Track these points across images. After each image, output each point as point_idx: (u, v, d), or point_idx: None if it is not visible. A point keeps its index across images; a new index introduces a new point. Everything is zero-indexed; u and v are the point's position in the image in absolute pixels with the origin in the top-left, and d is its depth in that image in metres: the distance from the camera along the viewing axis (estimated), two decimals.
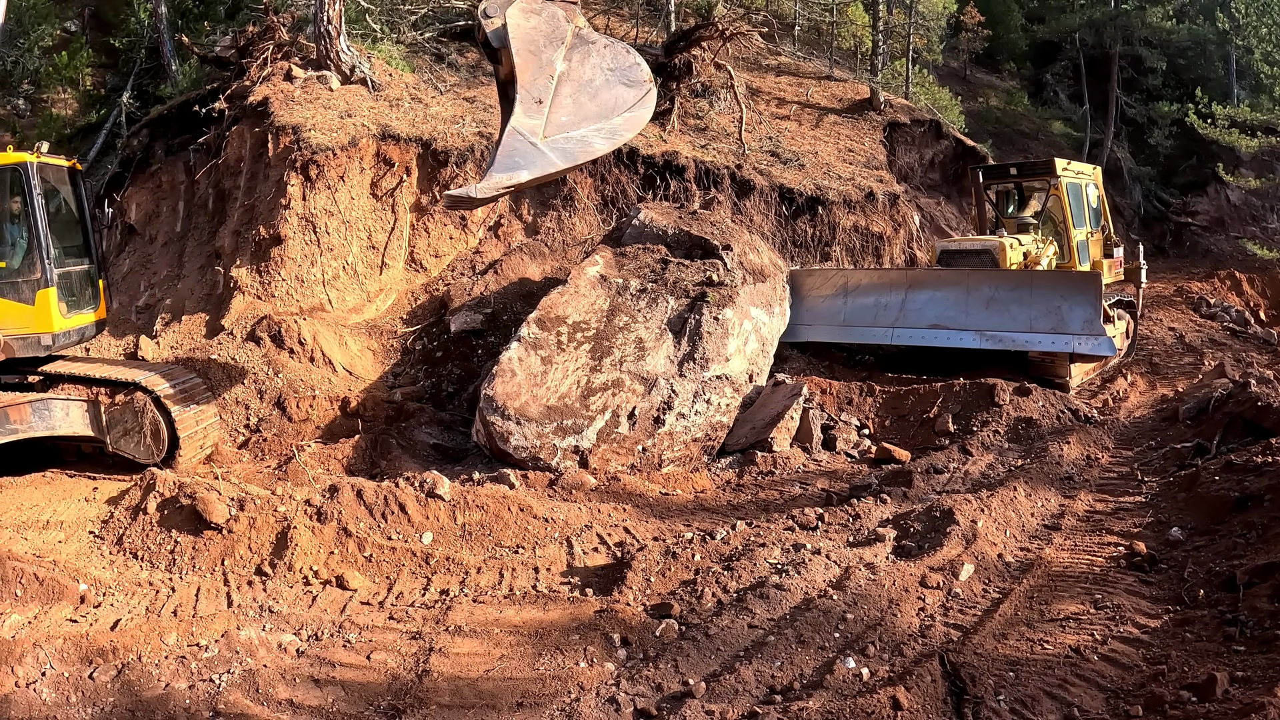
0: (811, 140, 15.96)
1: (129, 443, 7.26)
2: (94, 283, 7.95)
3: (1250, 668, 3.95)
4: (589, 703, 3.90)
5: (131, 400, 7.21)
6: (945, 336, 9.97)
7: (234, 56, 12.63)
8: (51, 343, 7.22)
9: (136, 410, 7.19)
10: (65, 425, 7.18)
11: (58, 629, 4.82)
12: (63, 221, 7.68)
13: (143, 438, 7.22)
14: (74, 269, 7.62)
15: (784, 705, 3.79)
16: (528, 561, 5.62)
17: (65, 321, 7.31)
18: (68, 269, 7.47)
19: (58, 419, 7.13)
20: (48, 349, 7.26)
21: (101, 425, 7.25)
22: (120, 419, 7.22)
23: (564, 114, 6.54)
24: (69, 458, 7.75)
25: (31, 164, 7.03)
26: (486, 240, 12.04)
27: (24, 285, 7.07)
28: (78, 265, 7.72)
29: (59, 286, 7.19)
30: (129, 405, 7.21)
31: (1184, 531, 5.84)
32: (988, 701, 3.88)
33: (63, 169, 7.64)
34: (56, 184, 7.57)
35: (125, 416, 7.21)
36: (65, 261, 7.45)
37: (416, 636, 4.59)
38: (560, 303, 8.80)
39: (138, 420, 7.20)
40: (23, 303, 7.09)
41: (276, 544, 5.70)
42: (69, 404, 7.20)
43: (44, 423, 7.05)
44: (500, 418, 7.72)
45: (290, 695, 4.12)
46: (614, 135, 6.74)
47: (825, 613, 4.58)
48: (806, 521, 6.04)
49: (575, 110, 6.57)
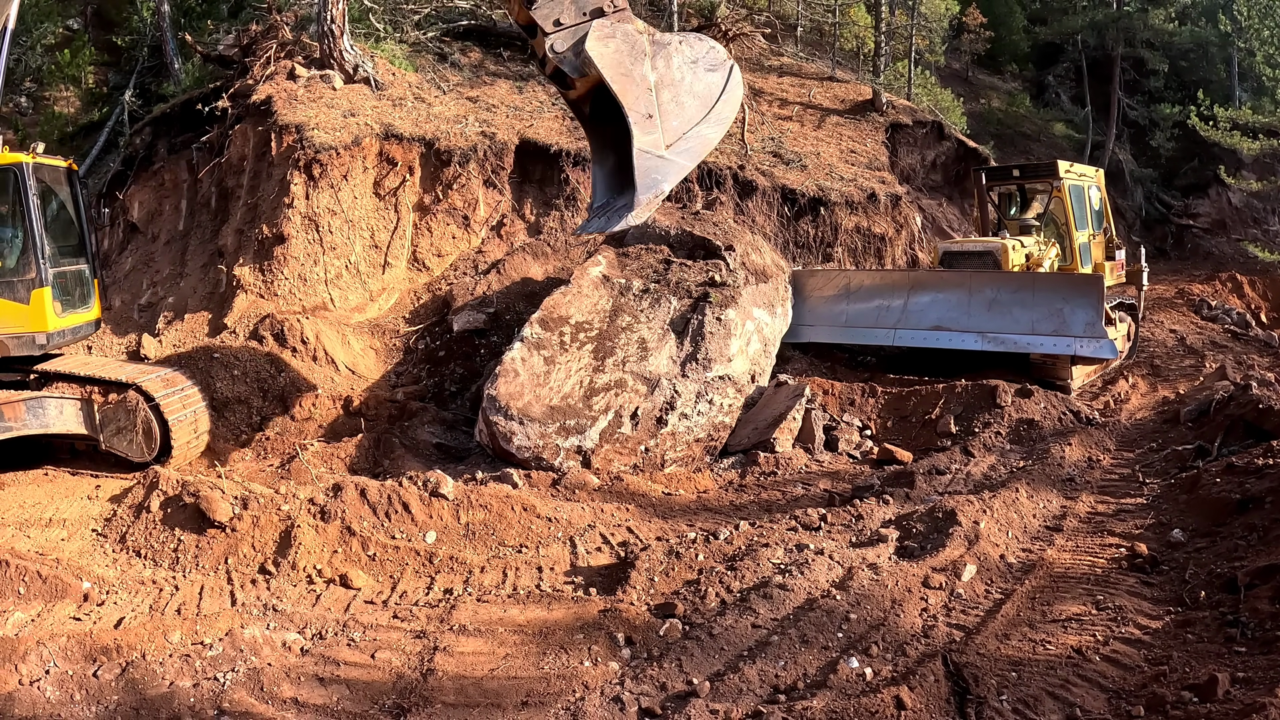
0: (814, 141, 15.97)
1: (121, 441, 7.31)
2: (89, 282, 8.00)
3: (1251, 669, 3.95)
4: (594, 702, 3.91)
5: (124, 399, 7.25)
6: (948, 338, 9.98)
7: (237, 55, 12.66)
8: (46, 342, 7.28)
9: (129, 409, 7.24)
10: (59, 423, 7.23)
11: (61, 627, 4.81)
12: (58, 221, 7.74)
13: (135, 436, 7.27)
14: (69, 269, 7.67)
15: (788, 705, 3.80)
16: (531, 561, 5.63)
17: (60, 321, 7.37)
18: (63, 269, 7.52)
19: (52, 417, 7.18)
20: (42, 348, 7.31)
21: (95, 423, 7.31)
22: (113, 417, 7.28)
23: (674, 119, 6.92)
24: (62, 455, 7.78)
25: (27, 164, 7.06)
26: (489, 240, 12.06)
27: (19, 284, 7.11)
28: (73, 265, 7.77)
29: (54, 286, 7.24)
30: (121, 404, 7.26)
31: (1185, 533, 5.85)
32: (990, 701, 3.89)
33: (59, 169, 7.68)
34: (52, 184, 7.61)
35: (118, 415, 7.27)
36: (61, 261, 7.51)
37: (421, 635, 4.59)
38: (563, 303, 8.82)
39: (130, 419, 7.25)
40: (17, 302, 7.13)
41: (280, 543, 5.70)
42: (63, 402, 7.25)
43: (38, 420, 7.11)
44: (503, 417, 7.73)
45: (295, 694, 4.12)
46: (722, 120, 7.12)
47: (829, 613, 4.59)
48: (809, 522, 6.05)
49: (681, 112, 6.95)
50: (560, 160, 12.38)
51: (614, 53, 6.84)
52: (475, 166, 11.90)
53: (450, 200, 11.88)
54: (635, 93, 6.89)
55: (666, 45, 6.99)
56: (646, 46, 6.94)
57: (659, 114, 6.91)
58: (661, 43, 6.99)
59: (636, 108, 6.85)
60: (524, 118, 12.89)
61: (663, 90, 6.96)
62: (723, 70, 7.15)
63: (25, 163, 7.04)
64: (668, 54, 6.97)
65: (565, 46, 6.91)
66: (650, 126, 6.86)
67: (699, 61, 7.09)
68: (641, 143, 6.76)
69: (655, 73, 6.93)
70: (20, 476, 7.33)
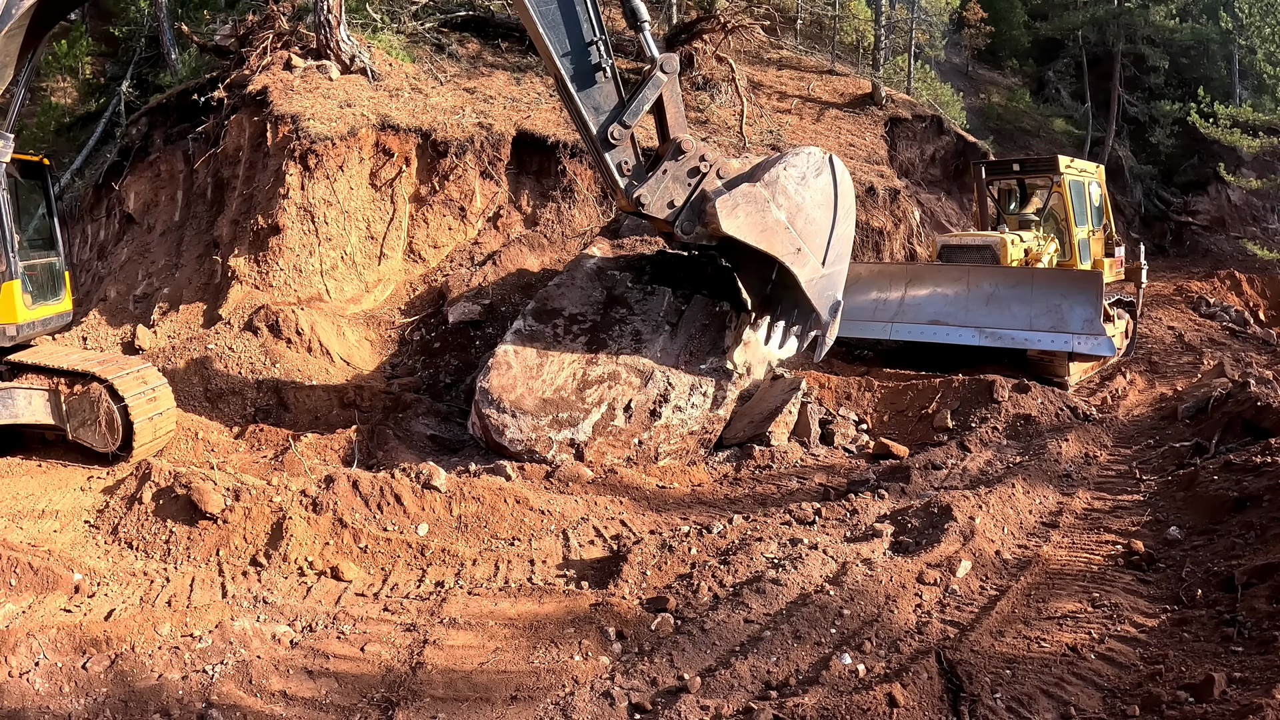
0: (813, 134, 15.90)
1: (87, 432, 7.32)
2: (60, 275, 8.07)
3: (1248, 669, 3.93)
4: (583, 697, 3.87)
5: (87, 390, 7.26)
6: (945, 333, 9.95)
7: (234, 45, 12.57)
8: (15, 334, 7.33)
9: (92, 400, 7.24)
10: (28, 414, 7.27)
11: (51, 619, 4.79)
12: (29, 216, 7.78)
13: (98, 427, 7.26)
14: (39, 261, 7.72)
15: (779, 701, 3.76)
16: (523, 554, 5.59)
17: (30, 313, 7.42)
18: (33, 261, 7.57)
19: (20, 408, 7.23)
20: (12, 339, 7.36)
21: (62, 414, 7.32)
22: (79, 408, 7.29)
23: (815, 238, 7.75)
24: (34, 445, 7.79)
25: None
26: (485, 231, 12.00)
27: None
28: (44, 258, 7.82)
29: (24, 279, 7.29)
30: (85, 395, 7.27)
31: (1182, 531, 5.83)
32: (984, 699, 3.87)
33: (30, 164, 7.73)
34: (23, 179, 7.64)
35: (83, 406, 7.27)
36: (31, 255, 7.56)
37: (411, 628, 4.56)
38: (556, 295, 8.77)
39: (94, 410, 7.25)
40: None
41: (271, 534, 5.67)
42: (31, 393, 7.29)
43: (7, 411, 7.17)
44: (495, 410, 7.70)
45: (283, 686, 4.09)
46: (849, 212, 8.05)
47: (822, 608, 4.56)
48: (804, 516, 6.01)
49: (817, 228, 7.75)
50: (557, 152, 12.31)
51: (746, 219, 7.44)
52: (472, 158, 11.83)
53: (447, 191, 11.81)
54: (779, 240, 7.58)
55: (776, 182, 7.58)
56: (764, 193, 7.52)
57: (803, 242, 7.66)
58: (771, 181, 7.56)
59: (787, 251, 7.61)
60: (521, 109, 12.82)
61: (796, 220, 7.65)
62: (826, 169, 7.88)
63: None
64: (781, 186, 7.59)
65: (693, 225, 7.56)
66: (803, 259, 7.69)
67: (806, 175, 7.75)
68: (805, 276, 7.67)
69: (783, 210, 7.57)
70: (14, 467, 7.31)
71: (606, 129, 7.20)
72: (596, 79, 7.18)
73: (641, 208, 7.46)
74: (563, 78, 7.13)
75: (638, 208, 7.49)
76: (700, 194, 7.48)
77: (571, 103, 7.24)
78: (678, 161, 7.45)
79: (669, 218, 7.52)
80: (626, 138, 7.32)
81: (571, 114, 7.50)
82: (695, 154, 7.50)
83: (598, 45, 7.12)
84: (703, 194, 7.47)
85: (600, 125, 7.21)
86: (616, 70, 7.31)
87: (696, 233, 7.56)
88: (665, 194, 7.45)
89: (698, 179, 7.50)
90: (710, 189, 7.47)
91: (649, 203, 7.42)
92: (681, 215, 7.49)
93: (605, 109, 7.23)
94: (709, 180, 7.52)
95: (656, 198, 7.43)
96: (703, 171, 7.50)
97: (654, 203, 7.43)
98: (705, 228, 7.49)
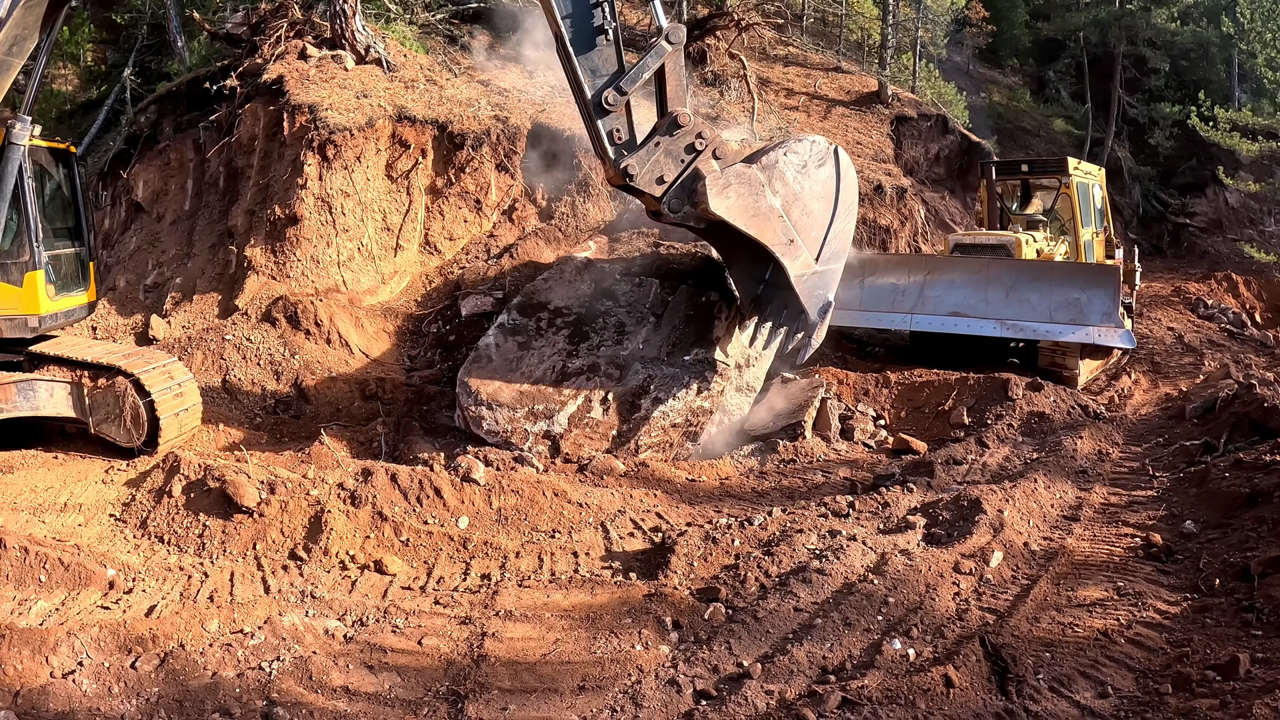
0: (820, 132, 15.97)
1: (110, 427, 7.25)
2: (85, 266, 7.97)
3: (1269, 650, 4.14)
4: (650, 684, 3.96)
5: (113, 385, 7.20)
6: (965, 324, 9.95)
7: (246, 34, 12.47)
8: (39, 324, 7.24)
9: (118, 395, 7.17)
10: (49, 406, 7.19)
11: (90, 616, 4.70)
12: (55, 204, 7.68)
13: (123, 422, 7.20)
14: (64, 252, 7.63)
15: (842, 684, 3.89)
16: (565, 546, 5.67)
17: (53, 304, 7.33)
18: (57, 252, 7.48)
19: (42, 400, 7.14)
20: (35, 330, 7.28)
21: (84, 408, 7.24)
22: (102, 402, 7.21)
23: (811, 230, 7.25)
24: (53, 438, 7.68)
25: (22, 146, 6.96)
26: (500, 224, 12.01)
27: (12, 267, 7.05)
28: (68, 248, 7.72)
29: (48, 269, 7.20)
30: (110, 389, 7.19)
31: (1197, 525, 6.02)
32: (1029, 680, 4.04)
33: (56, 151, 7.63)
34: (48, 167, 7.56)
35: (107, 400, 7.19)
36: (55, 244, 7.46)
37: (466, 621, 4.60)
38: (543, 288, 8.81)
39: (118, 405, 7.18)
40: (10, 284, 7.07)
41: (310, 528, 5.63)
42: (53, 385, 7.20)
43: (29, 403, 7.07)
44: (473, 402, 7.72)
45: (345, 682, 4.06)
46: (849, 209, 7.58)
47: (867, 596, 4.69)
48: (838, 509, 6.15)
49: (813, 221, 7.27)
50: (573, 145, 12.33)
51: (737, 200, 6.94)
52: (488, 150, 11.83)
53: (462, 184, 11.81)
54: (771, 228, 7.09)
55: (775, 164, 7.10)
56: (760, 176, 7.03)
57: (797, 234, 7.17)
58: (769, 165, 7.09)
59: (778, 241, 7.10)
60: (536, 102, 12.82)
61: (791, 209, 7.16)
62: (830, 160, 7.40)
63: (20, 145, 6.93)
64: (779, 171, 7.12)
65: (682, 203, 7.02)
66: (795, 251, 7.18)
67: (807, 163, 7.27)
68: (795, 270, 7.16)
69: (778, 196, 7.10)
70: (30, 459, 7.21)
71: (601, 94, 6.69)
72: (597, 42, 6.71)
73: (629, 179, 6.83)
74: (562, 36, 6.65)
75: (625, 180, 6.86)
76: (693, 171, 6.91)
77: (569, 64, 6.75)
78: (672, 136, 6.88)
79: (657, 194, 6.95)
80: (621, 105, 6.79)
81: (568, 76, 6.94)
82: (692, 129, 6.91)
83: (603, 7, 6.66)
84: (695, 171, 6.90)
85: (596, 89, 6.71)
86: (620, 35, 6.81)
87: (684, 212, 7.00)
88: (655, 168, 6.86)
89: (692, 156, 6.90)
90: (704, 167, 6.92)
91: (637, 174, 6.82)
92: (670, 192, 6.93)
93: (603, 74, 6.73)
94: (704, 159, 6.94)
95: (645, 170, 6.82)
96: (698, 149, 6.91)
97: (642, 175, 6.83)
98: (694, 208, 6.94)
